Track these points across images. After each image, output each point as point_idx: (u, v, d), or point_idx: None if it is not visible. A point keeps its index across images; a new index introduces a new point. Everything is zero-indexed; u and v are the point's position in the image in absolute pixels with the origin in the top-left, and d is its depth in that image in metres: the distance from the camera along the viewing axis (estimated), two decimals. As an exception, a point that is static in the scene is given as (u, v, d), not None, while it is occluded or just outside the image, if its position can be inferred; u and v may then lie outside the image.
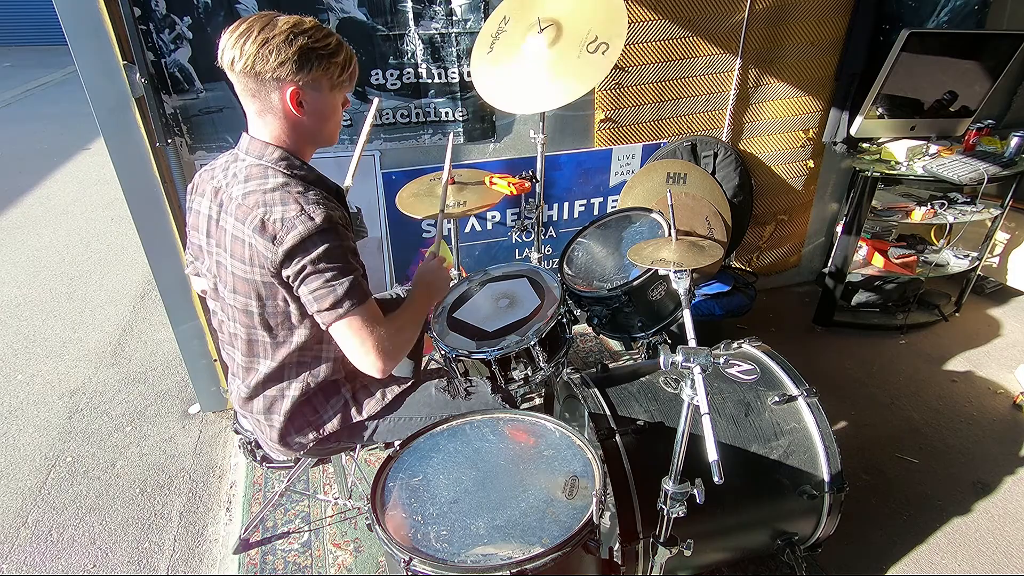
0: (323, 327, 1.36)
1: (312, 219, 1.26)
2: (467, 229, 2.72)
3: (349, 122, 2.31)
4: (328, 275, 1.29)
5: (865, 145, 2.96)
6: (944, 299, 3.24)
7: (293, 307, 1.39)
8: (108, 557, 2.04)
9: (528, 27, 1.88)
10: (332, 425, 1.59)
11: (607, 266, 2.20)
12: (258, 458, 1.74)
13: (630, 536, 1.50)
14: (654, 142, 2.78)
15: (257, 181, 1.32)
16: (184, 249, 2.23)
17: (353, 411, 1.61)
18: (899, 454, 2.39)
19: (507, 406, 1.69)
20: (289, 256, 1.28)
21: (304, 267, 1.28)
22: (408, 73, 2.31)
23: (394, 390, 1.65)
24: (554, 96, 1.84)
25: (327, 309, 1.31)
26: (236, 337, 1.48)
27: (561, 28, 1.87)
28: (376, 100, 1.91)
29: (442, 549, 1.19)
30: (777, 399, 1.70)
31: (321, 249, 1.28)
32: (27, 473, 2.36)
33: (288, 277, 1.31)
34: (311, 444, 1.61)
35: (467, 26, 2.29)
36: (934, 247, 3.20)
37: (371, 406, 1.62)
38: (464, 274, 2.37)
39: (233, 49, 1.24)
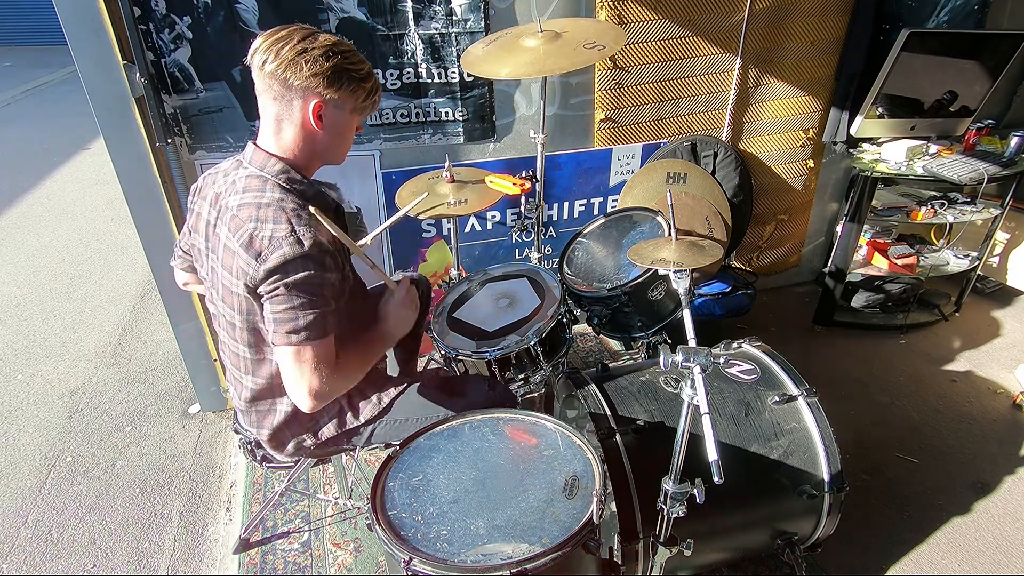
0: (271, 345, 1.34)
1: (300, 242, 1.25)
2: (467, 229, 2.72)
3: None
4: (296, 302, 1.28)
5: (865, 145, 2.96)
6: (944, 299, 3.24)
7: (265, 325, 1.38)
8: (108, 557, 2.04)
9: (529, 34, 1.90)
10: (329, 430, 1.60)
11: (607, 266, 2.20)
12: (258, 458, 1.74)
13: (630, 536, 1.50)
14: (654, 142, 2.78)
15: (254, 193, 1.31)
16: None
17: (349, 416, 1.61)
18: (899, 454, 2.39)
19: (500, 380, 1.69)
20: (269, 275, 1.26)
21: (278, 287, 1.27)
22: (408, 73, 2.31)
23: (391, 393, 1.65)
24: (540, 68, 1.83)
25: (283, 333, 1.29)
26: (226, 346, 1.50)
27: (560, 35, 1.89)
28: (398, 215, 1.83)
29: (442, 549, 1.19)
30: (777, 399, 1.70)
31: (300, 275, 1.26)
32: (27, 473, 2.36)
33: (262, 294, 1.30)
34: (311, 448, 1.61)
35: (467, 26, 2.29)
36: (934, 247, 3.20)
37: (367, 411, 1.62)
38: (464, 274, 2.37)
39: (267, 51, 1.24)
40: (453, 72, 2.35)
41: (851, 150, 2.98)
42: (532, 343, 1.80)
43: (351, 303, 1.55)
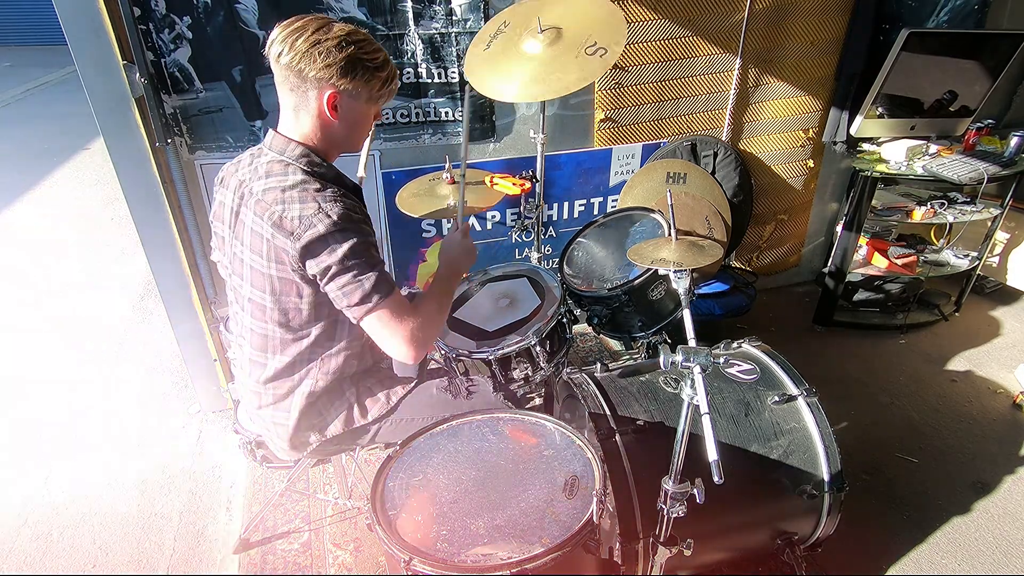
0: (354, 321, 1.38)
1: (330, 216, 1.28)
2: (467, 229, 2.72)
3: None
4: (355, 271, 1.31)
5: (865, 145, 2.96)
6: (944, 299, 3.24)
7: (305, 304, 1.41)
8: (108, 557, 2.04)
9: (528, 31, 1.88)
10: (335, 428, 1.60)
11: (607, 266, 2.19)
12: (258, 458, 1.74)
13: (630, 536, 1.50)
14: (654, 142, 2.78)
15: (277, 177, 1.35)
16: (184, 249, 2.25)
17: (357, 414, 1.61)
18: (899, 454, 2.39)
19: (511, 405, 1.69)
20: (311, 253, 1.30)
21: (330, 266, 1.30)
22: (408, 73, 2.31)
23: (398, 392, 1.65)
24: (546, 87, 1.81)
25: (356, 304, 1.33)
26: (250, 331, 1.50)
27: (561, 33, 1.87)
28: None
29: (442, 549, 1.19)
30: (777, 399, 1.70)
31: (346, 247, 1.29)
32: (27, 473, 2.36)
33: (315, 276, 1.33)
34: (314, 446, 1.61)
35: (467, 26, 2.29)
36: (934, 247, 3.20)
37: (375, 409, 1.62)
38: (464, 274, 2.37)
39: (283, 43, 1.27)
40: (453, 72, 2.35)
41: (851, 150, 2.98)
42: (532, 343, 1.80)
43: None
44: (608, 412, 1.65)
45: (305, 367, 1.51)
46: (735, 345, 1.95)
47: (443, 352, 1.89)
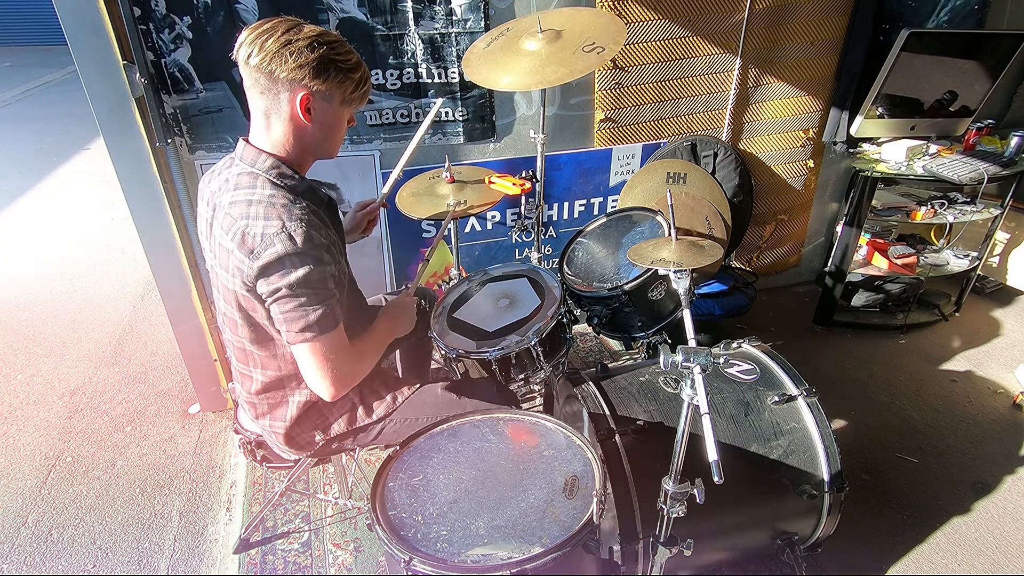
0: (287, 345, 1.34)
1: (292, 239, 1.24)
2: (467, 229, 2.72)
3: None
4: (303, 299, 1.27)
5: (865, 145, 2.96)
6: (944, 299, 3.24)
7: (270, 323, 1.38)
8: (108, 557, 2.04)
9: (529, 34, 1.90)
10: (339, 427, 1.60)
11: (607, 266, 2.19)
12: (258, 458, 1.74)
13: (630, 536, 1.50)
14: (654, 142, 2.78)
15: (245, 191, 1.30)
16: (184, 249, 2.25)
17: (361, 413, 1.61)
18: (899, 454, 2.39)
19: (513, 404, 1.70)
20: (264, 272, 1.26)
21: (279, 288, 1.26)
22: (408, 73, 2.31)
23: (404, 392, 1.65)
24: (541, 76, 1.82)
25: (296, 332, 1.30)
26: (231, 344, 1.50)
27: (560, 34, 1.89)
28: (439, 101, 2.18)
29: (442, 549, 1.20)
30: (777, 399, 1.70)
31: (300, 273, 1.25)
32: (27, 473, 2.36)
33: (263, 294, 1.29)
34: (318, 445, 1.61)
35: (467, 26, 2.29)
36: (934, 247, 3.20)
37: (380, 409, 1.62)
38: (464, 274, 2.37)
39: (252, 44, 1.23)
40: (453, 72, 2.35)
41: (851, 150, 2.99)
42: (532, 343, 1.80)
43: (350, 296, 1.56)
44: (608, 412, 1.65)
45: (295, 381, 1.50)
46: (735, 345, 1.95)
47: (443, 352, 1.89)
